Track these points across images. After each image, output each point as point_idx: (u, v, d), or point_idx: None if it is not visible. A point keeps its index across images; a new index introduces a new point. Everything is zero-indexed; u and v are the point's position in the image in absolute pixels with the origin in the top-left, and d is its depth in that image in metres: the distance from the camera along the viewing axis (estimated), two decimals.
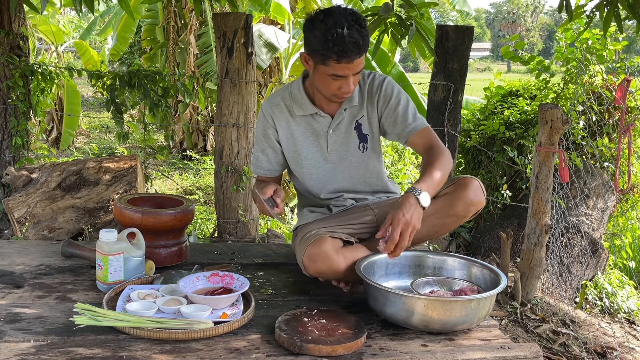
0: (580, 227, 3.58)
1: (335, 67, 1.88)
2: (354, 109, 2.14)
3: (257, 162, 2.23)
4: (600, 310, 3.28)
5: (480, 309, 1.75)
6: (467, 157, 4.12)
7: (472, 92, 6.62)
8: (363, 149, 2.17)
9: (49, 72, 3.76)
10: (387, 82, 2.14)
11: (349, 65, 1.88)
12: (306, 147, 2.16)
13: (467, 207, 2.03)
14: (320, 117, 2.12)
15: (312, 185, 2.22)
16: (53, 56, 10.16)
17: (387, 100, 2.12)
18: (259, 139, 2.21)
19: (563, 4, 3.31)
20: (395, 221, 1.78)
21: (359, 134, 2.15)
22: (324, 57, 1.88)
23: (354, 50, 1.85)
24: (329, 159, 2.17)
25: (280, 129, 2.16)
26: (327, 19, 1.86)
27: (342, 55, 1.85)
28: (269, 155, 2.20)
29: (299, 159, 2.18)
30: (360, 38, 1.85)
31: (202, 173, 7.04)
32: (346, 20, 1.85)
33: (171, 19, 7.23)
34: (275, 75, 7.20)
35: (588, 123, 3.70)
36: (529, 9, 56.50)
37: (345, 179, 2.21)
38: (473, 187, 2.04)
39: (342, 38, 1.82)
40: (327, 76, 1.93)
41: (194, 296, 1.80)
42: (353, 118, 2.14)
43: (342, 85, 1.94)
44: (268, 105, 2.17)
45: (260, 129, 2.19)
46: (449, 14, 40.58)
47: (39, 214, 3.33)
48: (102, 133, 9.82)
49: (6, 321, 1.72)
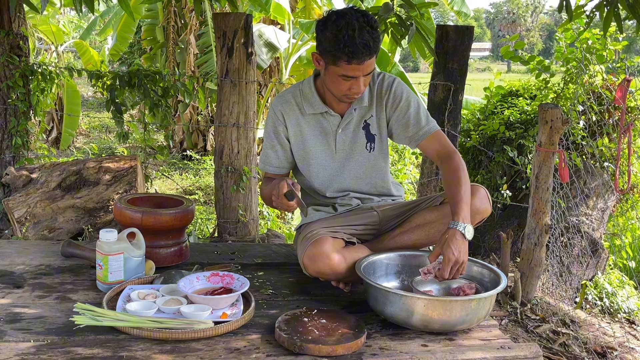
0: (580, 227, 3.58)
1: (346, 68, 1.90)
2: (364, 109, 2.15)
3: (267, 159, 2.22)
4: (600, 310, 3.28)
5: (480, 309, 1.76)
6: (467, 157, 4.12)
7: (472, 92, 6.62)
8: (370, 149, 2.18)
9: (49, 72, 3.75)
10: (397, 84, 2.14)
11: (360, 66, 1.89)
12: (314, 146, 2.17)
13: (473, 215, 2.03)
14: (330, 116, 2.13)
15: (319, 184, 2.23)
16: (53, 56, 10.17)
17: (397, 103, 2.12)
18: (269, 136, 2.20)
19: (563, 4, 3.30)
20: (446, 259, 1.81)
21: (366, 134, 2.16)
22: (335, 58, 1.89)
23: (365, 51, 1.86)
24: (337, 157, 2.18)
25: (290, 125, 2.16)
26: (339, 20, 1.88)
27: (352, 56, 1.86)
28: (279, 152, 2.20)
29: (307, 157, 2.18)
30: (371, 40, 1.86)
31: (202, 173, 7.04)
32: (357, 21, 1.86)
33: (171, 19, 7.23)
34: (275, 75, 7.20)
35: (588, 123, 3.70)
36: (529, 9, 56.49)
37: (351, 178, 2.22)
38: (479, 195, 2.05)
39: (353, 39, 1.83)
40: (337, 77, 1.94)
41: (194, 296, 1.80)
42: (362, 118, 2.15)
43: (352, 85, 1.95)
44: (278, 102, 2.17)
45: (271, 126, 2.19)
46: (449, 14, 40.59)
47: (39, 214, 3.32)
48: (102, 133, 9.82)
49: (6, 321, 1.72)
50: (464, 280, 1.97)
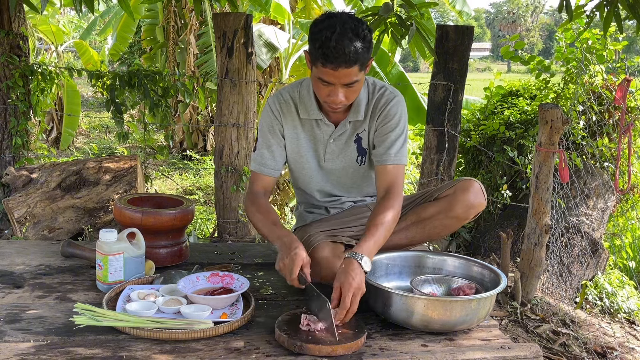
0: (580, 227, 3.58)
1: (322, 71, 1.83)
2: (358, 123, 2.10)
3: (262, 160, 2.11)
4: (600, 310, 3.28)
5: (481, 309, 1.76)
6: (467, 157, 4.12)
7: (472, 92, 6.61)
8: (361, 162, 2.14)
9: (49, 72, 3.75)
10: (394, 103, 2.06)
11: (335, 72, 1.81)
12: (307, 151, 2.14)
13: (467, 209, 2.03)
14: (324, 124, 2.09)
15: (311, 188, 2.22)
16: (53, 56, 10.16)
17: (386, 121, 2.05)
18: (264, 135, 2.12)
19: (563, 4, 3.30)
20: (346, 287, 1.70)
21: (358, 147, 2.12)
22: (313, 58, 1.85)
23: (340, 58, 1.77)
24: (324, 166, 2.16)
25: (286, 125, 2.11)
26: (325, 20, 1.82)
27: (326, 59, 1.79)
28: (275, 151, 2.12)
29: (301, 160, 2.16)
30: (351, 48, 1.76)
31: (202, 173, 7.04)
32: (342, 27, 1.78)
33: (171, 19, 7.23)
34: (275, 75, 7.20)
35: (588, 123, 3.70)
36: (529, 9, 56.49)
37: (340, 185, 2.21)
38: (473, 189, 2.04)
39: (328, 42, 1.76)
40: (317, 79, 1.88)
41: (194, 296, 1.80)
42: (355, 131, 2.11)
43: (330, 93, 1.88)
44: (276, 100, 2.11)
45: (267, 124, 2.11)
46: (449, 14, 40.56)
47: (39, 214, 3.32)
48: (102, 133, 9.82)
49: (6, 321, 1.72)
50: (464, 281, 1.97)
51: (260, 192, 2.11)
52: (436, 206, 2.08)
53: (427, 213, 2.10)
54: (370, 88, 2.09)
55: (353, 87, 1.88)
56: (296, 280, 1.81)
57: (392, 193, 1.97)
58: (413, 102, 5.31)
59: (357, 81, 1.87)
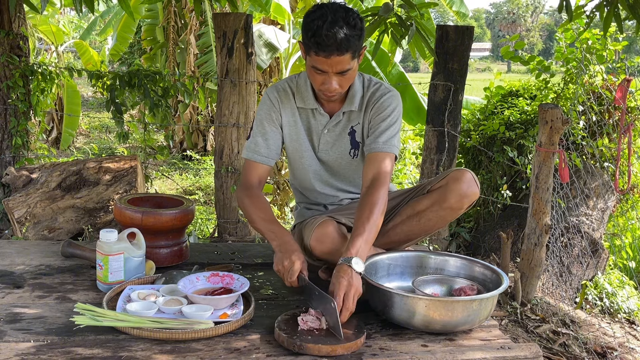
0: (580, 227, 3.58)
1: (315, 60, 1.88)
2: (353, 114, 2.13)
3: (256, 148, 2.11)
4: (600, 310, 3.28)
5: (482, 310, 1.75)
6: (467, 157, 4.12)
7: (472, 92, 6.62)
8: (354, 156, 2.16)
9: (49, 72, 3.75)
10: (389, 97, 2.09)
11: (327, 60, 1.85)
12: (304, 140, 2.17)
13: (461, 199, 2.03)
14: (319, 114, 2.12)
15: (310, 178, 2.22)
16: (53, 56, 10.16)
17: (379, 112, 2.08)
18: (260, 123, 2.13)
19: (563, 4, 3.30)
20: (337, 287, 1.71)
21: (351, 140, 2.14)
22: (307, 47, 1.90)
23: (332, 45, 1.82)
24: (319, 156, 2.19)
25: (284, 114, 2.13)
26: (317, 10, 1.87)
27: (319, 47, 1.83)
28: (269, 140, 2.12)
29: (300, 148, 2.18)
30: (342, 35, 1.81)
31: (202, 173, 7.05)
32: (333, 15, 1.83)
33: (171, 19, 7.23)
34: (275, 75, 7.19)
35: (588, 123, 3.70)
36: (529, 9, 56.50)
37: (335, 175, 2.23)
38: (466, 179, 2.03)
39: (320, 30, 1.81)
40: (311, 68, 1.93)
41: (194, 296, 1.80)
42: (349, 123, 2.13)
43: (324, 81, 1.92)
44: (275, 90, 2.14)
45: (264, 112, 2.13)
46: (449, 14, 40.55)
47: (39, 214, 3.32)
48: (102, 133, 9.82)
49: (6, 321, 1.72)
50: (466, 281, 1.97)
51: (255, 183, 2.10)
52: (430, 198, 2.08)
53: (421, 206, 2.10)
54: (366, 82, 2.13)
55: (346, 75, 1.92)
56: (296, 281, 1.83)
57: (378, 181, 1.96)
58: (413, 102, 5.31)
59: (350, 69, 1.91)
